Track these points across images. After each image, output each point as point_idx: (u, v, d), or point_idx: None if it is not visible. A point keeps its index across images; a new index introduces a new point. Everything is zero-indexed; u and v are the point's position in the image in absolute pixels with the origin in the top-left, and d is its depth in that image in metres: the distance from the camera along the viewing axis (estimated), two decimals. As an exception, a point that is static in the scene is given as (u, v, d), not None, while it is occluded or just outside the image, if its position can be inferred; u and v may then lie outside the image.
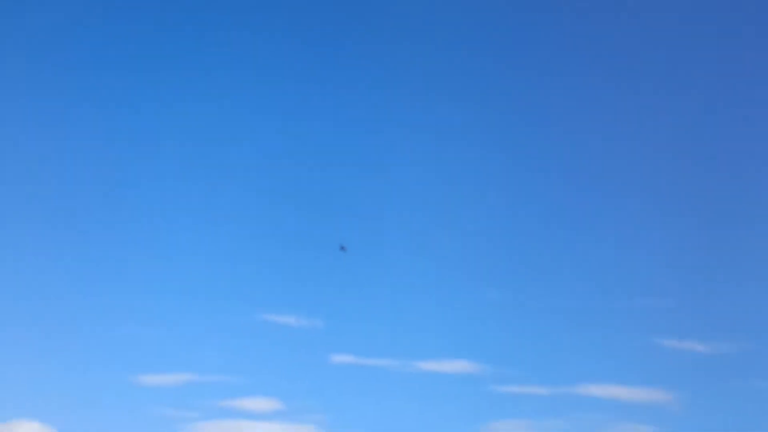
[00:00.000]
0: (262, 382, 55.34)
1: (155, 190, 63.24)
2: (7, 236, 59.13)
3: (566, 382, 54.74)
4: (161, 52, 65.59)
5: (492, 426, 53.77)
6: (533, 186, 64.26)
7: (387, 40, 65.51)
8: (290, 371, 56.74)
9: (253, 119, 65.65)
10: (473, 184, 64.49)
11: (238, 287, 60.30)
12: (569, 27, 65.26)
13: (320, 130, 65.86)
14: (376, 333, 58.75)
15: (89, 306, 58.05)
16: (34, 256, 59.19)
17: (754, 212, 59.41)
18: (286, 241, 62.53)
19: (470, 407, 55.15)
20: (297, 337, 57.74)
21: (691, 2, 64.05)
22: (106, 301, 58.30)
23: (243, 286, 60.43)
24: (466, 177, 64.84)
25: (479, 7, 65.83)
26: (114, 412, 53.01)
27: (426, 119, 65.34)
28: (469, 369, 55.88)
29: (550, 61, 66.01)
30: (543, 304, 59.35)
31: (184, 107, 65.72)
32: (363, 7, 66.69)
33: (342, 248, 53.06)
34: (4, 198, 60.32)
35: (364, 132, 65.80)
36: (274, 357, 57.35)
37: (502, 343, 57.80)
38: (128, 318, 57.41)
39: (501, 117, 65.47)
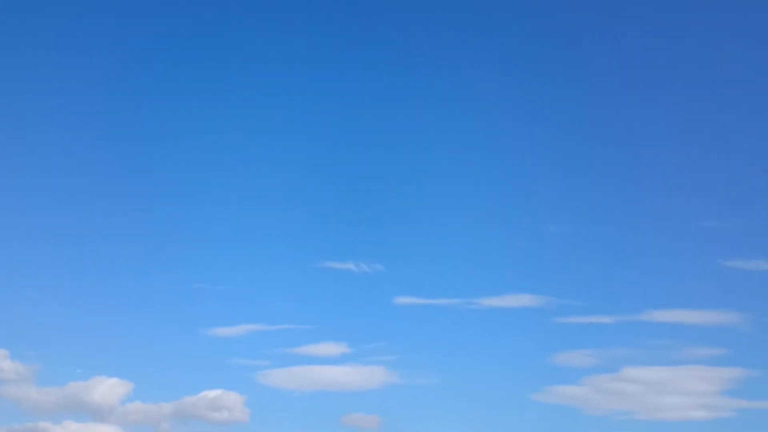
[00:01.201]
0: (328, 329, 56.39)
1: (213, 142, 63.71)
2: (78, 190, 60.47)
3: (631, 310, 54.63)
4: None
5: (559, 357, 54.16)
6: (588, 121, 63.14)
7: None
8: (355, 316, 57.67)
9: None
10: (530, 119, 63.56)
11: (298, 237, 60.86)
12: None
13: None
14: (437, 273, 59.09)
15: (160, 263, 59.55)
16: (105, 213, 60.56)
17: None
18: (343, 189, 62.90)
19: (536, 340, 55.64)
20: (359, 283, 58.50)
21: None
22: (175, 257, 59.78)
23: (303, 235, 60.96)
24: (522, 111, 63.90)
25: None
26: (188, 365, 54.85)
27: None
28: (532, 303, 56.04)
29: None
30: (604, 235, 58.94)
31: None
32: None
33: None
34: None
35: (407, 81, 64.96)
36: (339, 303, 58.22)
37: (565, 276, 57.78)
38: (197, 273, 58.76)
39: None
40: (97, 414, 50.87)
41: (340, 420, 51.79)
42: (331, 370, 55.11)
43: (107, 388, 51.62)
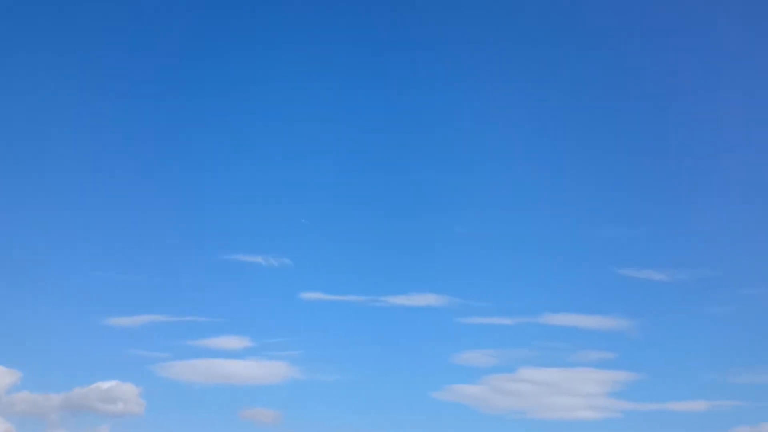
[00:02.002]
0: (232, 322, 55.78)
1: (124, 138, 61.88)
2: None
3: (530, 312, 56.55)
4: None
5: (460, 356, 55.52)
6: (497, 122, 64.69)
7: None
8: (260, 310, 57.32)
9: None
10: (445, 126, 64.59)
11: (205, 228, 60.08)
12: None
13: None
14: (345, 270, 59.54)
15: (57, 252, 57.39)
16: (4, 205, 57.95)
17: (708, 145, 61.04)
18: (252, 182, 62.26)
19: (438, 339, 56.80)
20: (266, 277, 58.16)
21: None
22: (74, 244, 57.66)
23: (210, 227, 60.20)
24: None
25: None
26: (82, 355, 53.11)
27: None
28: (436, 302, 57.15)
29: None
30: (507, 238, 60.67)
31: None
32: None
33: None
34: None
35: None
36: (244, 296, 57.74)
37: (469, 277, 59.20)
38: (96, 262, 56.90)
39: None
40: (-20, 403, 48.58)
41: (239, 414, 51.56)
42: (232, 363, 54.58)
43: (-8, 377, 49.33)
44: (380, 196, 62.05)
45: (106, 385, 50.67)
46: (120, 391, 50.65)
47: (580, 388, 53.77)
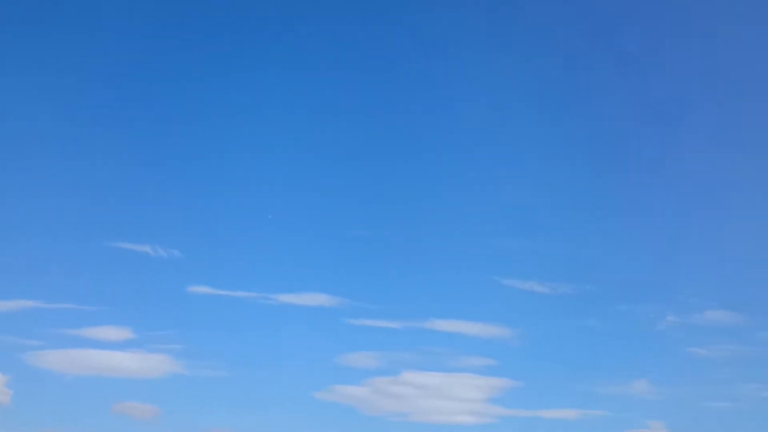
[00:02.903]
0: (113, 312, 54.05)
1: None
2: None
3: (416, 317, 57.63)
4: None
5: (346, 357, 55.91)
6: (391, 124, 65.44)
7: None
8: (144, 301, 55.70)
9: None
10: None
11: (91, 214, 57.80)
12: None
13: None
14: (236, 265, 58.76)
15: None
16: None
17: (598, 159, 63.86)
18: (146, 170, 60.40)
19: (326, 339, 56.99)
20: (153, 267, 56.52)
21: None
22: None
23: (96, 213, 57.98)
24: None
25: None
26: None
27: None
28: (326, 302, 57.29)
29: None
30: (399, 242, 61.63)
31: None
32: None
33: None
34: None
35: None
36: (128, 286, 55.93)
37: (360, 279, 59.69)
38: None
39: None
40: None
41: (111, 408, 49.92)
42: (110, 355, 52.79)
43: None
44: (277, 194, 61.86)
45: (-33, 372, 47.92)
46: (-17, 379, 48.04)
47: (461, 393, 55.30)
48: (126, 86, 61.27)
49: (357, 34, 63.61)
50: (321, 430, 52.52)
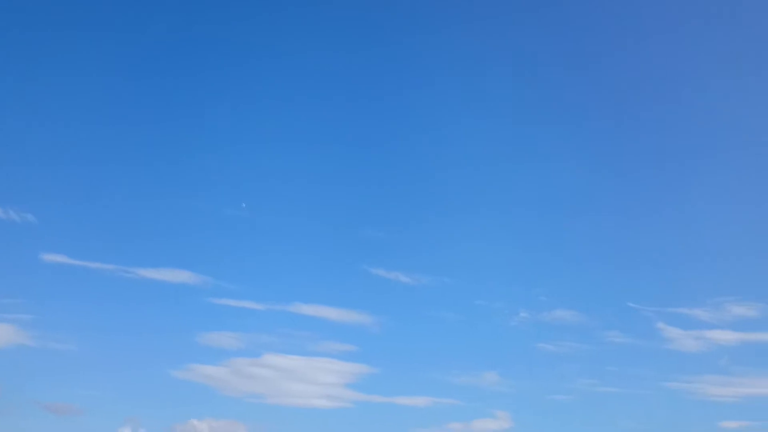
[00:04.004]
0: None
1: None
2: None
3: (281, 299, 57.62)
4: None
5: (206, 336, 55.02)
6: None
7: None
8: (-9, 267, 52.14)
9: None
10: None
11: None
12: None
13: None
14: (95, 235, 56.21)
15: None
16: None
17: (468, 164, 66.17)
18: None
19: (186, 317, 55.87)
20: (3, 231, 53.05)
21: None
22: None
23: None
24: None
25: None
26: None
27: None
28: (189, 279, 56.05)
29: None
30: (271, 226, 61.24)
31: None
32: None
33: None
34: None
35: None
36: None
37: (227, 258, 58.90)
38: None
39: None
40: None
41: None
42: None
43: None
44: (152, 169, 59.84)
45: None
46: None
47: (319, 377, 55.93)
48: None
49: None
50: (176, 409, 51.58)
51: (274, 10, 64.75)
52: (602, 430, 53.22)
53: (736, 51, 65.17)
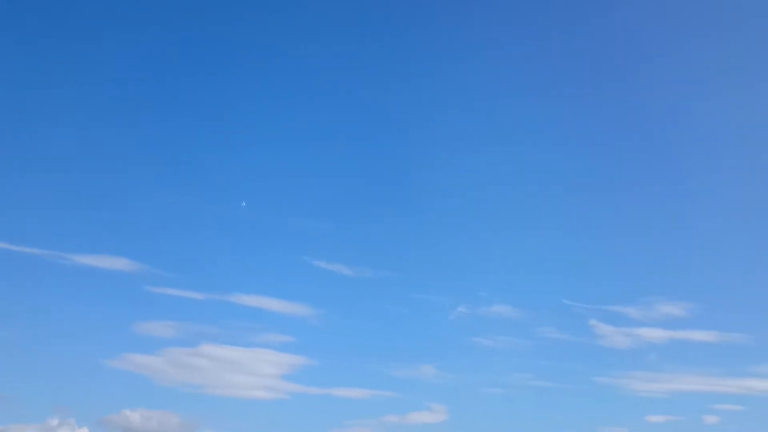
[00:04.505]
0: None
1: None
2: None
3: (220, 289, 57.12)
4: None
5: (143, 325, 54.15)
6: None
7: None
8: None
9: None
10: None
11: None
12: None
13: None
14: (28, 219, 54.69)
15: None
16: None
17: (411, 160, 66.71)
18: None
19: (122, 305, 54.94)
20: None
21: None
22: None
23: None
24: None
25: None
26: None
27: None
28: (126, 267, 55.05)
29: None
30: (212, 215, 60.66)
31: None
32: None
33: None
34: None
35: None
36: None
37: (166, 246, 58.10)
38: None
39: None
40: None
41: None
42: None
43: None
44: (87, 153, 58.50)
45: None
46: None
47: (257, 369, 55.66)
48: None
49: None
50: (108, 399, 50.69)
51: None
52: (534, 423, 54.47)
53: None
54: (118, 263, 54.65)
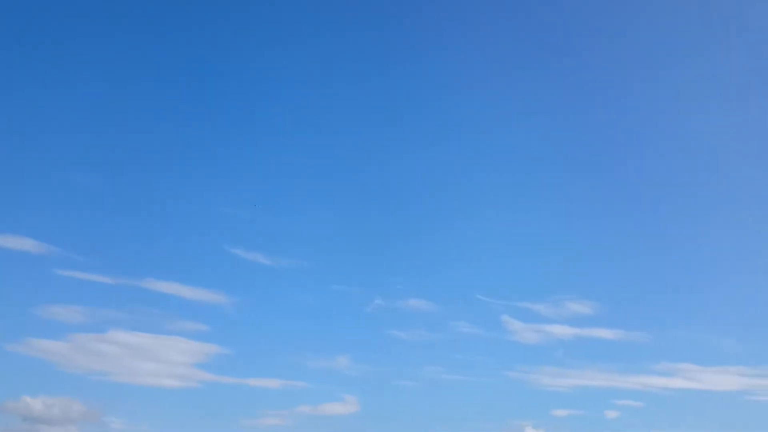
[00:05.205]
0: None
1: None
2: None
3: (132, 274, 55.65)
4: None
5: (47, 309, 52.16)
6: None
7: None
8: None
9: None
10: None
11: None
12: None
13: None
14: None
15: None
16: None
17: (333, 147, 66.53)
18: None
19: (26, 288, 52.88)
20: None
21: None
22: None
23: None
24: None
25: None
26: None
27: None
28: (33, 248, 52.84)
29: None
30: (126, 195, 58.94)
31: None
32: None
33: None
34: None
35: None
36: None
37: (75, 228, 56.00)
38: None
39: None
40: None
41: None
42: None
43: None
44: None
45: None
46: None
47: (168, 356, 54.50)
48: None
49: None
50: (8, 385, 48.67)
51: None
52: (445, 416, 55.50)
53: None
54: (24, 244, 52.52)
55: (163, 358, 54.19)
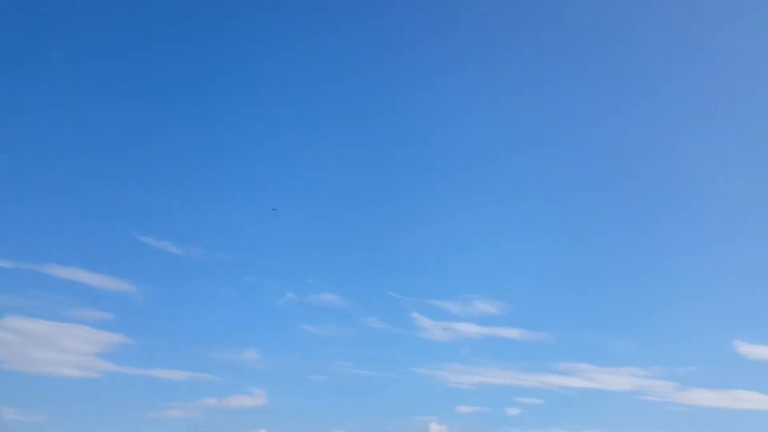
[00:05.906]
0: None
1: None
2: None
3: (33, 259, 53.60)
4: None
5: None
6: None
7: None
8: None
9: None
10: None
11: None
12: None
13: None
14: None
15: None
16: None
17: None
18: None
19: None
20: None
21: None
22: None
23: None
24: None
25: None
26: None
27: None
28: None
29: None
30: (30, 176, 56.65)
31: None
32: None
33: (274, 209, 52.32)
34: None
35: None
36: None
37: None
38: None
39: None
40: None
41: None
42: None
43: None
44: None
45: None
46: None
47: (69, 345, 52.66)
48: None
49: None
50: None
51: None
52: (353, 411, 55.99)
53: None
54: None
55: (63, 347, 52.38)
